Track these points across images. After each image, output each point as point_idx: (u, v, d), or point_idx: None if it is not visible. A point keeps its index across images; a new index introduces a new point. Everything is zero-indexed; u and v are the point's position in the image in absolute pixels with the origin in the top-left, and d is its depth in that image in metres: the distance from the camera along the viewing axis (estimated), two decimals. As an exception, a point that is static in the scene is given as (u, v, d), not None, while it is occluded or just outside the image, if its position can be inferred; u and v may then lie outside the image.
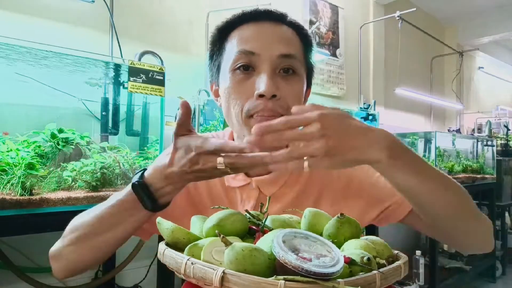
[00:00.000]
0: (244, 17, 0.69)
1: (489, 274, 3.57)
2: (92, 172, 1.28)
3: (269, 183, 0.74)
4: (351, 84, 3.45)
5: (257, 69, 0.66)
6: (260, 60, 0.65)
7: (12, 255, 1.44)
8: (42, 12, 1.67)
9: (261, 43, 0.65)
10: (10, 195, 1.11)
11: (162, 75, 1.43)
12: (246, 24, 0.68)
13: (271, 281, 0.37)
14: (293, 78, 0.68)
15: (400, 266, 0.45)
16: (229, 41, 0.69)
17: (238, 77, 0.66)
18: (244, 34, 0.67)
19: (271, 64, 0.65)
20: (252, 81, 0.65)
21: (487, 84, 6.24)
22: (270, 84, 0.63)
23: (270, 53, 0.65)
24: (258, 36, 0.66)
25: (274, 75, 0.65)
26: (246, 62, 0.66)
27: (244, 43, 0.66)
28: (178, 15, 2.18)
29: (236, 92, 0.67)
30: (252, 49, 0.65)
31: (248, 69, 0.66)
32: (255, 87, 0.64)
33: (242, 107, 0.66)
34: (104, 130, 1.64)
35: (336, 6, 3.29)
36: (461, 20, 4.98)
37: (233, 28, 0.69)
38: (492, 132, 4.72)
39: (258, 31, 0.67)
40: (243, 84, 0.66)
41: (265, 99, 0.63)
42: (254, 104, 0.64)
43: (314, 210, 0.54)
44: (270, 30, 0.67)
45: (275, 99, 0.64)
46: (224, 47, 0.70)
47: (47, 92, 1.55)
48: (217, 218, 0.52)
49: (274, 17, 0.68)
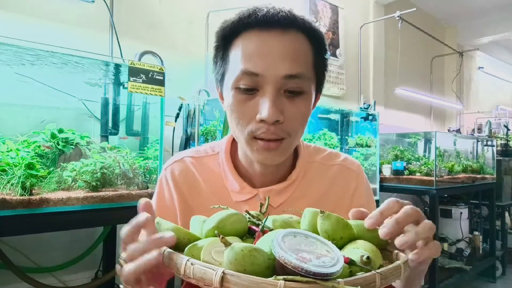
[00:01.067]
0: (248, 24, 0.63)
1: (489, 274, 3.57)
2: (92, 172, 1.28)
3: (276, 194, 0.73)
4: (351, 84, 3.45)
5: (261, 89, 0.62)
6: (264, 81, 0.61)
7: (12, 255, 1.44)
8: (43, 12, 1.67)
9: (265, 62, 0.61)
10: (10, 195, 1.11)
11: (162, 75, 1.43)
12: (251, 32, 0.63)
13: (271, 281, 0.37)
14: (299, 98, 0.64)
15: (400, 266, 0.45)
16: (233, 49, 0.65)
17: (240, 96, 0.63)
18: (248, 48, 0.63)
19: (275, 85, 0.61)
20: (255, 102, 0.62)
21: (487, 84, 6.24)
22: (272, 111, 0.60)
23: (275, 73, 0.61)
24: (262, 52, 0.62)
25: (278, 96, 0.62)
26: (250, 84, 0.62)
27: (247, 60, 0.62)
28: (178, 15, 2.18)
29: (239, 113, 0.64)
30: (256, 70, 0.61)
31: (252, 90, 0.63)
32: (258, 109, 0.62)
33: (245, 128, 0.64)
34: (104, 130, 1.64)
35: (336, 6, 3.29)
36: (461, 20, 4.98)
37: (237, 34, 0.65)
38: (492, 132, 4.72)
39: (263, 45, 0.62)
40: (246, 104, 0.63)
41: (268, 124, 0.61)
42: (257, 126, 0.62)
43: (314, 210, 0.54)
44: (277, 43, 0.62)
45: (278, 123, 0.62)
46: (228, 55, 0.66)
47: (47, 92, 1.55)
48: (217, 219, 0.51)
49: (282, 24, 0.62)
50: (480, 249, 3.55)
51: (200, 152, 0.80)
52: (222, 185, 0.75)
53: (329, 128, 2.74)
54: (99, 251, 1.70)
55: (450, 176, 3.06)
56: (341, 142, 2.84)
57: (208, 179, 0.76)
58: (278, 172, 0.75)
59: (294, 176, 0.75)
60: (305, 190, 0.75)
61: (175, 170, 0.77)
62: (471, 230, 3.61)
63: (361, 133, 2.94)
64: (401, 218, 0.48)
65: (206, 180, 0.76)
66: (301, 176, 0.76)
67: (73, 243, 1.68)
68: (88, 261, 1.69)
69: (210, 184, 0.76)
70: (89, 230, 1.72)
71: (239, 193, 0.73)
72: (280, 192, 0.73)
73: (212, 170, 0.77)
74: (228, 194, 0.74)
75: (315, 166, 0.78)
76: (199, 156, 0.79)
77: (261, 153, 0.64)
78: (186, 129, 1.93)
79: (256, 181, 0.74)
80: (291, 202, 0.73)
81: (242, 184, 0.73)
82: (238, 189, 0.73)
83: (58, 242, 1.66)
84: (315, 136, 2.58)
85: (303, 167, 0.77)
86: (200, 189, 0.75)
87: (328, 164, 0.79)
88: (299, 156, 0.77)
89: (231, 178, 0.74)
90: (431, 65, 4.75)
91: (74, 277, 1.71)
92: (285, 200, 0.73)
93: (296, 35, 0.64)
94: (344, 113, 2.96)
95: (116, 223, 1.55)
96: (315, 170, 0.78)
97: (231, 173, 0.74)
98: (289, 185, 0.74)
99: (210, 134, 1.85)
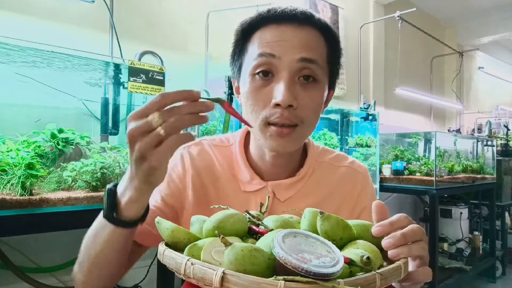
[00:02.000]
0: (267, 19, 0.67)
1: (489, 274, 3.57)
2: (92, 172, 1.28)
3: (285, 188, 0.74)
4: (351, 84, 3.45)
5: (277, 75, 0.65)
6: (280, 64, 0.64)
7: (12, 255, 1.44)
8: (42, 12, 1.67)
9: (282, 47, 0.64)
10: (10, 195, 1.11)
11: (162, 75, 1.43)
12: (269, 26, 0.67)
13: (271, 281, 0.37)
14: (313, 87, 0.67)
15: (400, 266, 0.45)
16: (251, 42, 0.68)
17: (257, 83, 0.66)
18: (266, 36, 0.66)
19: (290, 70, 0.64)
20: (271, 88, 0.65)
21: (487, 84, 6.24)
22: (287, 94, 0.62)
23: (291, 57, 0.64)
24: (279, 39, 0.65)
25: (293, 82, 0.65)
26: (266, 66, 0.65)
27: (265, 46, 0.65)
28: (178, 15, 2.18)
29: (254, 99, 0.66)
30: (273, 51, 0.64)
31: (268, 75, 0.65)
32: (273, 94, 0.64)
33: (260, 114, 0.66)
34: (104, 130, 1.64)
35: (336, 6, 3.29)
36: (461, 20, 4.98)
37: (256, 29, 0.68)
38: (492, 132, 4.72)
39: (280, 34, 0.65)
40: (261, 91, 0.66)
41: (282, 108, 0.63)
42: (271, 112, 0.65)
43: (314, 210, 0.54)
44: (292, 34, 0.65)
45: (291, 108, 0.64)
46: (246, 48, 0.69)
47: (47, 92, 1.55)
48: (217, 219, 0.52)
49: (298, 19, 0.66)
50: (480, 249, 3.55)
51: (215, 141, 0.82)
52: (233, 175, 0.77)
53: (329, 128, 2.74)
54: (99, 251, 1.70)
55: (450, 176, 3.07)
56: (341, 142, 2.84)
57: (222, 165, 0.78)
58: (288, 167, 0.76)
59: (303, 173, 0.77)
60: (313, 187, 0.77)
61: (193, 150, 0.79)
62: (471, 230, 3.61)
63: (361, 133, 2.94)
64: (408, 234, 0.50)
65: (220, 165, 0.78)
66: (309, 174, 0.77)
67: (73, 243, 1.67)
68: (88, 261, 1.68)
69: (224, 170, 0.78)
70: (89, 230, 1.71)
71: (249, 183, 0.75)
72: (288, 187, 0.75)
73: (225, 159, 0.79)
74: (237, 183, 0.76)
75: (324, 166, 0.80)
76: (215, 143, 0.82)
77: (274, 139, 0.66)
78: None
79: (266, 174, 0.76)
80: (298, 198, 0.75)
81: (253, 175, 0.75)
82: (248, 180, 0.75)
83: (58, 242, 1.66)
84: (315, 136, 2.58)
85: (312, 165, 0.79)
86: (216, 171, 0.78)
87: (337, 165, 0.81)
88: (309, 154, 0.79)
89: (243, 168, 0.76)
90: (431, 65, 4.75)
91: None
92: (292, 195, 0.75)
93: (312, 30, 0.68)
94: (344, 113, 2.96)
95: (116, 223, 1.55)
96: (324, 170, 0.80)
97: (243, 164, 0.76)
98: (297, 181, 0.76)
99: (210, 134, 1.85)
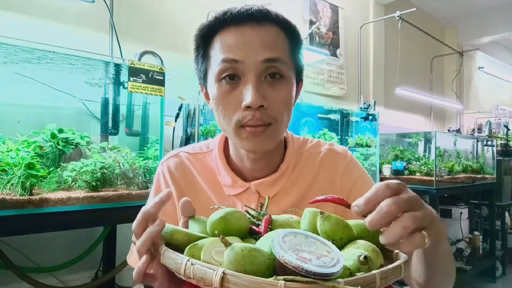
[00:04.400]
0: (224, 21, 0.66)
1: (489, 274, 3.57)
2: (92, 172, 1.28)
3: (268, 186, 0.74)
4: (351, 84, 3.45)
5: (243, 78, 0.64)
6: (245, 68, 0.64)
7: (12, 255, 1.44)
8: (42, 12, 1.67)
9: (245, 51, 0.64)
10: (10, 195, 1.11)
11: (162, 75, 1.43)
12: (227, 28, 0.66)
13: (271, 281, 0.37)
14: (280, 83, 0.66)
15: (400, 265, 0.45)
16: (213, 47, 0.67)
17: (224, 87, 0.65)
18: (227, 41, 0.65)
19: (256, 72, 0.64)
20: (239, 91, 0.64)
21: (487, 84, 6.24)
22: (256, 96, 0.62)
23: (254, 59, 0.63)
24: (240, 42, 0.64)
25: (260, 83, 0.64)
26: (232, 70, 0.64)
27: (227, 51, 0.64)
28: (178, 15, 2.18)
29: (224, 103, 0.66)
30: (236, 57, 0.64)
31: (234, 78, 0.65)
32: (242, 97, 0.64)
33: (232, 118, 0.65)
34: (104, 130, 1.64)
35: (336, 6, 3.29)
36: (461, 20, 4.98)
37: (215, 33, 0.67)
38: (492, 132, 4.72)
39: (240, 37, 0.65)
40: (230, 95, 0.65)
41: (253, 110, 0.63)
42: (243, 115, 0.64)
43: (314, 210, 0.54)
44: (252, 34, 0.65)
45: (262, 109, 0.64)
46: (208, 53, 0.69)
47: (47, 92, 1.55)
48: (224, 211, 0.52)
49: (255, 18, 0.65)
50: (480, 249, 3.55)
51: (195, 149, 0.82)
52: (216, 180, 0.77)
53: (329, 128, 2.74)
54: (99, 251, 1.70)
55: (450, 176, 3.06)
56: (341, 142, 2.84)
57: (202, 173, 0.78)
58: (269, 165, 0.76)
59: (284, 167, 0.76)
60: (297, 180, 0.77)
61: (171, 164, 0.80)
62: (471, 230, 3.61)
63: (361, 133, 2.94)
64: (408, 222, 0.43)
65: (201, 174, 0.78)
66: (291, 167, 0.77)
67: (73, 243, 1.68)
68: (88, 261, 1.68)
69: (205, 178, 0.78)
70: (89, 230, 1.71)
71: (231, 187, 0.75)
72: (272, 183, 0.75)
73: (206, 166, 0.79)
74: (221, 188, 0.76)
75: (305, 156, 0.80)
76: (194, 152, 0.82)
77: (250, 139, 0.66)
78: (186, 129, 1.93)
79: (248, 175, 0.76)
80: (283, 193, 0.75)
81: (234, 178, 0.75)
82: (230, 183, 0.75)
83: (58, 242, 1.66)
84: (315, 136, 2.58)
85: (292, 158, 0.78)
86: (196, 183, 0.78)
87: (316, 152, 0.81)
88: (288, 148, 0.79)
89: (224, 173, 0.76)
90: (431, 65, 4.75)
91: (74, 277, 1.71)
92: (277, 192, 0.75)
93: (271, 27, 0.67)
94: (344, 113, 2.96)
95: (116, 223, 1.55)
96: (305, 160, 0.79)
97: (224, 168, 0.76)
98: (280, 176, 0.75)
99: (210, 134, 1.85)
